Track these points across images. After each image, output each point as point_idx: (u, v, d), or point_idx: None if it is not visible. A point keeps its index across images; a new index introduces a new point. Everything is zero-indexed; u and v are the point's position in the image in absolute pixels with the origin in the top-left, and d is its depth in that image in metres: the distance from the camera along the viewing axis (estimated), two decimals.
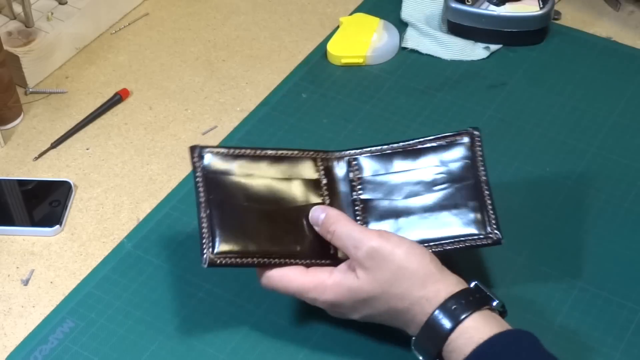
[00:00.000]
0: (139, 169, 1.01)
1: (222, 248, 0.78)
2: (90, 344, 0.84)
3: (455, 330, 0.73)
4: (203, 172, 0.82)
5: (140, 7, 1.22)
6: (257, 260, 0.79)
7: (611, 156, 0.99)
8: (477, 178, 0.84)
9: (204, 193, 0.81)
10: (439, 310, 0.74)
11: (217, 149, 0.83)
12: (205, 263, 0.78)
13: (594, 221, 0.93)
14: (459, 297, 0.75)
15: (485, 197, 0.83)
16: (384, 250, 0.76)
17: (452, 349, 0.73)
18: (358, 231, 0.79)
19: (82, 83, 1.12)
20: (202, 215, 0.80)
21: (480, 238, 0.82)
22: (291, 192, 0.84)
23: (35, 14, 1.11)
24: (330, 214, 0.81)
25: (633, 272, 0.88)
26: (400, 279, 0.76)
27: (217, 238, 0.79)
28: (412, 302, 0.76)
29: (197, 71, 1.13)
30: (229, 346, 0.83)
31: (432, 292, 0.75)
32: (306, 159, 0.86)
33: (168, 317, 0.86)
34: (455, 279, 0.77)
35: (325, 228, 0.81)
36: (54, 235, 0.94)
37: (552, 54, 1.13)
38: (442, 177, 0.85)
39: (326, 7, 1.22)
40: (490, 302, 0.76)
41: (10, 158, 1.03)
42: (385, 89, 1.09)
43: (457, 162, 0.85)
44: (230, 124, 1.06)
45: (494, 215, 0.83)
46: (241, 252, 0.79)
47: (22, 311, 0.88)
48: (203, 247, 0.78)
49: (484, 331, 0.73)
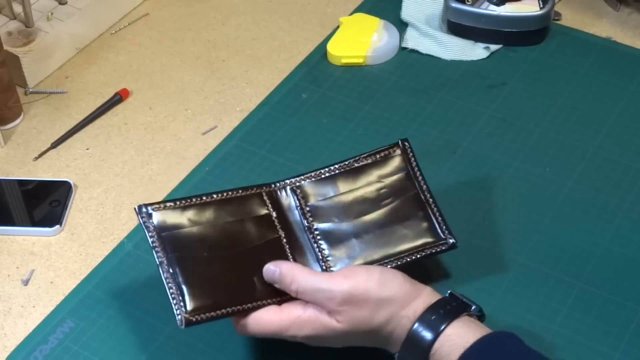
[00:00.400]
0: (139, 169, 1.01)
1: (194, 306, 0.76)
2: (90, 344, 0.84)
3: (438, 340, 0.73)
4: (156, 231, 0.79)
5: (140, 7, 1.22)
6: (231, 309, 0.77)
7: (611, 156, 0.99)
8: (419, 188, 0.86)
9: (162, 252, 0.78)
10: (418, 324, 0.74)
11: (163, 204, 0.81)
12: (181, 324, 0.75)
13: (594, 221, 0.93)
14: (436, 308, 0.74)
15: (431, 205, 0.85)
16: (357, 291, 0.75)
17: (438, 358, 0.73)
18: (323, 281, 0.76)
19: (82, 83, 1.12)
20: (166, 275, 0.77)
21: (435, 245, 0.84)
22: (246, 233, 0.82)
23: (35, 14, 1.11)
24: (284, 270, 0.78)
25: (633, 272, 0.88)
26: (381, 309, 0.75)
27: (187, 297, 0.76)
28: (395, 324, 0.75)
29: (197, 71, 1.13)
30: (229, 346, 0.83)
31: (412, 308, 0.75)
32: (252, 196, 0.84)
33: (168, 317, 0.86)
34: (429, 290, 0.77)
35: (285, 286, 0.77)
36: (54, 235, 0.94)
37: (552, 54, 1.13)
38: (385, 192, 0.86)
39: (326, 7, 1.22)
40: (468, 308, 0.76)
41: (10, 158, 1.03)
42: (385, 89, 1.09)
43: (396, 175, 0.87)
44: (230, 124, 1.06)
45: (442, 221, 0.84)
46: (213, 305, 0.77)
47: (22, 311, 0.88)
48: (175, 309, 0.76)
49: (467, 336, 0.73)
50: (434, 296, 0.76)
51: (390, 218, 0.85)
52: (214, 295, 0.77)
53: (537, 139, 1.02)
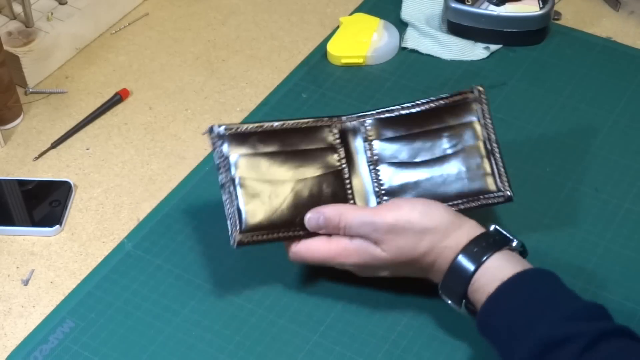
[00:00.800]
0: (139, 169, 1.01)
1: (248, 227, 0.81)
2: (90, 344, 0.84)
3: (479, 271, 0.76)
4: (222, 152, 0.83)
5: (140, 7, 1.22)
6: (283, 234, 0.82)
7: (611, 156, 0.99)
8: (486, 137, 0.87)
9: (225, 174, 0.83)
10: (461, 255, 0.78)
11: (235, 127, 0.84)
12: (234, 244, 0.81)
13: (594, 221, 0.93)
14: (479, 240, 0.78)
15: (495, 155, 0.86)
16: (400, 221, 0.79)
17: (477, 288, 0.76)
18: (369, 214, 0.81)
19: (82, 83, 1.12)
20: (226, 197, 0.82)
21: (493, 196, 0.85)
22: (310, 162, 0.85)
23: (35, 14, 1.11)
24: (329, 213, 0.82)
25: (633, 272, 0.88)
26: (424, 238, 0.79)
27: (243, 218, 0.81)
28: (437, 254, 0.79)
29: (197, 71, 1.13)
30: (229, 346, 0.83)
31: (455, 239, 0.79)
32: (322, 127, 0.87)
33: (168, 317, 0.86)
34: (473, 223, 0.80)
35: (333, 226, 0.82)
36: (54, 235, 0.94)
37: (552, 54, 1.13)
38: (452, 136, 0.88)
39: (326, 7, 1.22)
40: (510, 242, 0.79)
41: (10, 158, 1.03)
42: (385, 89, 1.09)
43: (466, 121, 0.88)
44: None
45: (504, 173, 0.86)
46: (267, 228, 0.81)
47: (22, 311, 0.88)
48: (230, 229, 0.81)
49: (506, 269, 0.76)
50: (478, 229, 0.80)
51: (452, 163, 0.87)
52: (269, 220, 0.81)
53: (537, 139, 1.02)
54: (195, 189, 0.97)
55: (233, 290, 0.88)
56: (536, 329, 0.72)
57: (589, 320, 0.72)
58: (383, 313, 0.85)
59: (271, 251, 0.91)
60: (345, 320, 0.85)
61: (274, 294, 0.87)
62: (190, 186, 0.98)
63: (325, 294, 0.87)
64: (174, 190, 0.98)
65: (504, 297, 0.75)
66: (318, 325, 0.85)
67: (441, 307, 0.83)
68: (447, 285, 0.79)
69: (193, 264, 0.90)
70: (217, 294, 0.87)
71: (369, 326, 0.84)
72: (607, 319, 0.74)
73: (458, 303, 0.79)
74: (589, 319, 0.72)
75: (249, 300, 0.87)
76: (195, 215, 0.95)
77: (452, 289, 0.79)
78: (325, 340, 0.83)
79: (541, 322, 0.72)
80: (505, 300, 0.75)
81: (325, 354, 0.82)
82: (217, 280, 0.88)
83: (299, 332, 0.84)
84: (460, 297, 0.78)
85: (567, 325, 0.72)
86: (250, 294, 0.87)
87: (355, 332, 0.84)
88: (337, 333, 0.84)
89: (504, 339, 0.75)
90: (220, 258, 0.90)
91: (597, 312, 0.74)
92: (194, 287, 0.88)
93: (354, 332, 0.84)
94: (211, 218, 0.94)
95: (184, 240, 0.92)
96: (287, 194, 0.83)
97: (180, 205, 0.96)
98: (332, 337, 0.84)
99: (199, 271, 0.89)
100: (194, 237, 0.93)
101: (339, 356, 0.82)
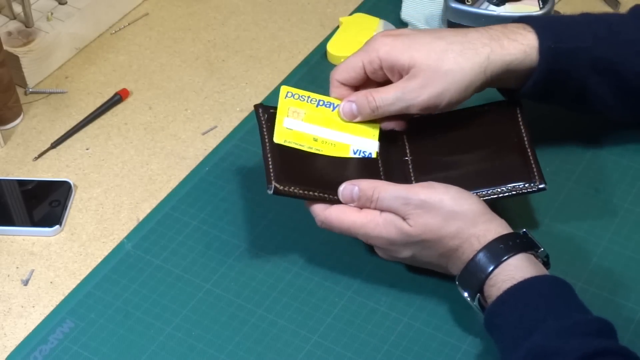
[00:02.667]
0: (139, 169, 1.01)
1: (285, 177, 0.84)
2: (90, 344, 0.84)
3: (499, 267, 0.77)
4: (267, 124, 0.88)
5: (140, 7, 1.22)
6: (318, 194, 0.84)
7: (611, 156, 0.99)
8: (520, 136, 0.89)
9: (268, 136, 0.87)
10: (485, 249, 0.78)
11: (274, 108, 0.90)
12: (271, 190, 0.83)
13: (594, 221, 0.93)
14: (506, 239, 0.79)
15: (529, 152, 0.88)
16: (432, 199, 0.80)
17: (493, 283, 0.77)
18: (402, 189, 0.82)
19: (82, 83, 1.12)
20: (268, 153, 0.86)
21: (525, 186, 0.87)
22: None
23: (35, 14, 1.11)
24: (364, 185, 0.83)
25: (633, 272, 0.88)
26: (451, 221, 0.80)
27: (282, 170, 0.84)
28: (462, 240, 0.80)
29: (197, 71, 1.13)
30: (229, 346, 0.83)
31: (482, 230, 0.79)
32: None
33: (168, 317, 0.86)
34: (503, 222, 0.81)
35: (366, 198, 0.83)
36: (54, 235, 0.94)
37: None
38: (487, 136, 0.91)
39: (326, 7, 1.22)
40: (536, 248, 0.79)
41: (10, 158, 1.03)
42: None
43: (502, 123, 0.91)
44: (230, 124, 1.06)
45: (536, 167, 0.87)
46: (304, 184, 0.84)
47: (22, 311, 0.88)
48: (270, 176, 0.84)
49: (524, 272, 0.76)
50: (507, 228, 0.81)
51: (485, 158, 0.89)
52: (304, 178, 0.85)
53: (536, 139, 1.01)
54: (195, 189, 0.97)
55: (233, 291, 0.88)
56: (532, 338, 0.72)
57: (586, 336, 0.72)
58: (383, 313, 0.85)
59: (271, 251, 0.91)
60: (345, 320, 0.85)
61: (274, 294, 0.87)
62: (190, 186, 0.98)
63: (325, 294, 0.87)
64: (174, 190, 0.98)
65: (512, 299, 0.75)
66: (318, 325, 0.85)
67: (441, 308, 0.83)
68: (465, 277, 0.79)
69: (193, 264, 0.90)
70: (218, 294, 0.87)
71: (369, 326, 0.84)
72: (608, 337, 0.73)
73: (472, 296, 0.79)
74: (587, 335, 0.72)
75: (249, 300, 0.87)
76: (195, 215, 0.95)
77: (469, 281, 0.79)
78: (325, 340, 0.83)
79: (539, 330, 0.72)
80: (513, 302, 0.75)
81: (325, 354, 0.82)
82: (217, 281, 0.88)
83: (299, 332, 0.84)
84: (476, 290, 0.78)
85: (562, 338, 0.71)
86: (250, 294, 0.87)
87: (355, 332, 0.84)
88: (337, 333, 0.84)
89: (504, 341, 0.75)
90: (220, 258, 0.90)
91: (599, 328, 0.73)
92: (194, 287, 0.88)
93: (354, 332, 0.84)
94: (211, 218, 0.94)
95: (184, 240, 0.92)
96: (324, 166, 0.87)
97: (180, 205, 0.96)
98: (332, 337, 0.84)
99: (199, 271, 0.89)
100: (194, 237, 0.93)
101: (339, 356, 0.82)
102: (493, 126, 0.91)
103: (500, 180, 0.87)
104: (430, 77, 0.85)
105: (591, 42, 0.88)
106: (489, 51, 0.86)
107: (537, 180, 0.87)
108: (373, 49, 0.88)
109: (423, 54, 0.86)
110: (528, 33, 0.88)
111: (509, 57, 0.86)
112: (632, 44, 0.89)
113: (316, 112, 0.89)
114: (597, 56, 0.88)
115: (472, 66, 0.85)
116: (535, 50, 0.87)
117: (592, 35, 0.88)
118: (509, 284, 0.76)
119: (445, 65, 0.85)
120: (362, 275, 0.88)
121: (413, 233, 0.81)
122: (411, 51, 0.86)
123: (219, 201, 0.96)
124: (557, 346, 0.71)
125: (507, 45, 0.87)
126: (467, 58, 0.85)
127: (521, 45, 0.87)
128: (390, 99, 0.86)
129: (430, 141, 0.91)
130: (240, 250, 0.91)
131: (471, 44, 0.86)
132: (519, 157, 0.89)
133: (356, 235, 0.84)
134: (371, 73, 0.89)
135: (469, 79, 0.85)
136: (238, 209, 0.95)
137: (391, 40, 0.88)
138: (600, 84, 0.89)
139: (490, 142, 0.91)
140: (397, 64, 0.86)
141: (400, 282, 0.87)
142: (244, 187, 0.97)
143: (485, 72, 0.86)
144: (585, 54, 0.88)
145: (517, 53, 0.86)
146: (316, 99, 0.90)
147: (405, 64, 0.86)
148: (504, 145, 0.90)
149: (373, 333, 0.84)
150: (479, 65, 0.85)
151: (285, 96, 0.90)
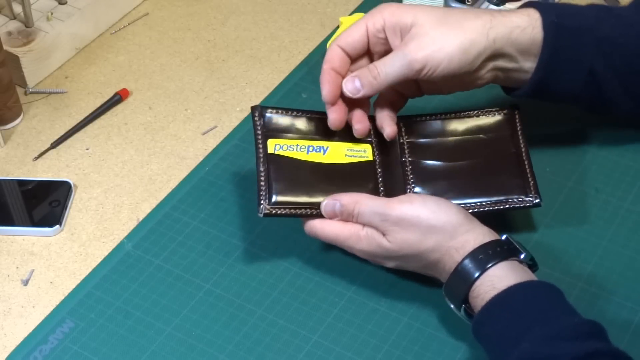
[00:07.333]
0: (139, 169, 1.01)
1: (277, 200, 0.85)
2: (90, 344, 0.84)
3: (481, 278, 0.77)
4: (263, 130, 0.88)
5: (140, 7, 1.22)
6: (307, 211, 0.85)
7: (611, 156, 0.99)
8: (518, 148, 0.90)
9: (263, 149, 0.87)
10: (467, 260, 0.78)
11: (276, 109, 0.90)
12: (261, 213, 0.84)
13: (594, 221, 0.93)
14: (487, 247, 0.78)
15: (526, 165, 0.89)
16: (408, 215, 0.80)
17: (477, 294, 0.77)
18: (381, 205, 0.82)
19: (82, 83, 1.12)
20: (261, 169, 0.86)
21: (520, 200, 0.87)
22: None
23: (35, 14, 1.11)
24: (345, 200, 0.84)
25: (633, 272, 0.88)
26: (429, 235, 0.80)
27: (273, 190, 0.85)
28: (442, 253, 0.80)
29: (197, 71, 1.13)
30: (229, 346, 0.83)
31: (461, 242, 0.79)
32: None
33: (168, 317, 0.86)
34: (485, 230, 0.81)
35: (347, 213, 0.83)
36: (54, 235, 0.94)
37: None
38: (485, 145, 0.90)
39: (326, 7, 1.22)
40: (519, 254, 0.79)
41: (10, 158, 1.03)
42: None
43: (500, 132, 0.91)
44: (230, 124, 1.06)
45: (533, 182, 0.87)
46: (294, 204, 0.85)
47: (22, 311, 0.88)
48: (260, 199, 0.85)
49: (508, 279, 0.76)
50: (488, 236, 0.80)
51: (483, 168, 0.89)
52: (296, 196, 0.85)
53: (536, 139, 1.01)
54: (195, 189, 0.97)
55: (233, 291, 0.88)
56: (520, 346, 0.72)
57: (575, 340, 0.71)
58: (383, 313, 0.85)
59: (271, 251, 0.91)
60: (345, 320, 0.85)
61: (274, 294, 0.87)
62: (190, 186, 0.98)
63: (325, 294, 0.87)
64: (174, 190, 0.98)
65: (496, 309, 0.75)
66: (318, 325, 0.85)
67: (441, 308, 0.83)
68: (450, 287, 0.80)
69: (193, 264, 0.90)
70: (217, 294, 0.87)
71: (369, 326, 0.84)
72: (599, 338, 0.73)
73: (458, 307, 0.79)
74: (576, 339, 0.71)
75: (248, 300, 0.87)
76: (195, 215, 0.95)
77: (454, 292, 0.79)
78: (325, 340, 0.83)
79: (526, 338, 0.72)
80: (497, 312, 0.75)
81: (325, 354, 0.82)
82: (217, 280, 0.88)
83: (299, 332, 0.84)
84: (461, 301, 0.78)
85: (551, 344, 0.71)
86: (250, 294, 0.87)
87: (355, 332, 0.84)
88: (337, 333, 0.84)
89: (493, 350, 0.75)
90: (220, 258, 0.90)
91: (588, 330, 0.73)
92: (194, 287, 0.88)
93: (354, 332, 0.84)
94: (211, 218, 0.94)
95: (184, 240, 0.92)
96: (317, 175, 0.87)
97: (180, 205, 0.96)
98: (332, 337, 0.84)
99: (199, 271, 0.89)
100: (194, 237, 0.93)
101: (339, 356, 0.82)
102: (492, 134, 0.92)
103: (496, 191, 0.87)
104: (432, 36, 0.85)
105: (594, 22, 0.88)
106: (491, 17, 0.86)
107: (533, 195, 0.87)
108: (378, 10, 0.88)
109: (426, 12, 0.86)
110: (530, 10, 0.88)
111: (511, 23, 0.86)
112: (634, 25, 0.89)
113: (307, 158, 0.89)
114: (601, 37, 0.88)
115: (474, 26, 0.85)
116: (539, 23, 0.87)
117: (594, 16, 0.89)
118: (491, 294, 0.75)
119: (447, 23, 0.85)
120: (362, 275, 0.88)
121: (392, 249, 0.82)
122: (415, 10, 0.87)
123: (219, 201, 0.96)
124: (547, 352, 0.70)
125: (510, 15, 0.87)
126: (469, 18, 0.86)
127: (524, 15, 0.87)
128: (391, 60, 0.86)
129: (429, 145, 0.91)
130: (240, 250, 0.91)
131: (474, 11, 0.89)
132: (516, 170, 0.89)
133: (341, 246, 0.85)
134: (373, 36, 0.88)
135: (471, 37, 0.85)
136: (238, 209, 0.95)
137: (396, 5, 0.89)
138: (608, 68, 0.89)
139: (488, 150, 0.90)
140: (400, 22, 0.86)
141: (400, 282, 0.87)
142: (244, 187, 0.97)
143: (488, 35, 0.85)
144: (590, 35, 0.88)
145: (520, 21, 0.87)
146: (305, 146, 0.89)
147: (408, 22, 0.86)
148: (502, 155, 0.90)
149: (373, 333, 0.84)
150: (482, 25, 0.85)
151: (274, 149, 0.88)
